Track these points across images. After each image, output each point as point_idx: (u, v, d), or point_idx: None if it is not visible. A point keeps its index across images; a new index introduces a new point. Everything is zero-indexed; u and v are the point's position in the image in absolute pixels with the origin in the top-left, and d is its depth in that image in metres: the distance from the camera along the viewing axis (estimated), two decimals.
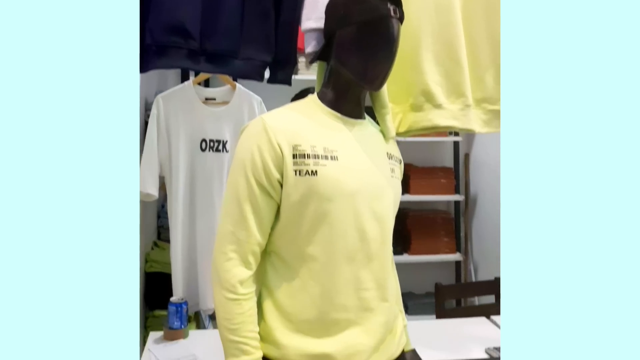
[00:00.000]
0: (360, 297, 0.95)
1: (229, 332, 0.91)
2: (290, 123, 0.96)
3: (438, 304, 2.04)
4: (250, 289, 0.94)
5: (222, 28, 1.23)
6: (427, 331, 1.59)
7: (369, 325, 0.96)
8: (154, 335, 1.57)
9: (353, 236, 0.94)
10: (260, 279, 0.99)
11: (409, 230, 2.84)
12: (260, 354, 0.92)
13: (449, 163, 3.01)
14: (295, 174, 0.92)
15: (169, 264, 1.88)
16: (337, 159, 0.95)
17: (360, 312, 0.95)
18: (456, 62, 1.29)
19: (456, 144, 2.99)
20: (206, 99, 1.87)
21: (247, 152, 0.95)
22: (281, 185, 0.94)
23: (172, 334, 1.52)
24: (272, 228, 0.97)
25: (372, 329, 0.96)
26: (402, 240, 2.84)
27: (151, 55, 1.18)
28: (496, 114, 1.35)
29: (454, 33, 1.28)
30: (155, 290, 2.07)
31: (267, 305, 0.97)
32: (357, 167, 0.97)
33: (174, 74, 2.60)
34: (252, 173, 0.93)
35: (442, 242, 2.86)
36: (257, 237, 0.94)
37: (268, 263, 0.99)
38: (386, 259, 1.00)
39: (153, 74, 2.26)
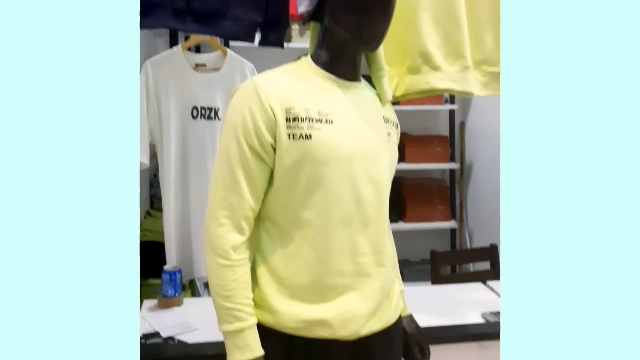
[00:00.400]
0: (356, 262, 0.94)
1: (223, 299, 0.90)
2: (283, 86, 0.93)
3: (434, 270, 2.04)
4: (243, 255, 0.92)
5: None
6: (424, 297, 1.59)
7: (365, 290, 0.95)
8: (148, 303, 1.56)
9: (349, 200, 0.92)
10: (254, 245, 0.97)
11: (404, 198, 2.84)
12: (254, 321, 0.91)
13: (445, 131, 2.99)
14: (289, 137, 0.90)
15: (162, 233, 1.86)
16: (332, 123, 0.93)
17: (357, 278, 0.94)
18: (455, 22, 1.24)
19: (452, 112, 2.96)
20: (196, 65, 1.83)
21: (238, 114, 0.91)
22: (274, 150, 0.91)
23: (166, 302, 1.52)
24: (266, 193, 0.95)
25: (369, 294, 0.95)
26: (398, 208, 2.84)
27: None
28: (495, 77, 1.31)
29: None
30: (149, 259, 2.07)
31: (262, 271, 0.95)
32: (353, 130, 0.95)
33: (162, 39, 2.53)
34: (243, 136, 0.90)
35: (438, 210, 2.87)
36: (250, 202, 0.92)
37: (262, 229, 0.97)
38: (382, 223, 0.98)
39: (141, 38, 2.19)
